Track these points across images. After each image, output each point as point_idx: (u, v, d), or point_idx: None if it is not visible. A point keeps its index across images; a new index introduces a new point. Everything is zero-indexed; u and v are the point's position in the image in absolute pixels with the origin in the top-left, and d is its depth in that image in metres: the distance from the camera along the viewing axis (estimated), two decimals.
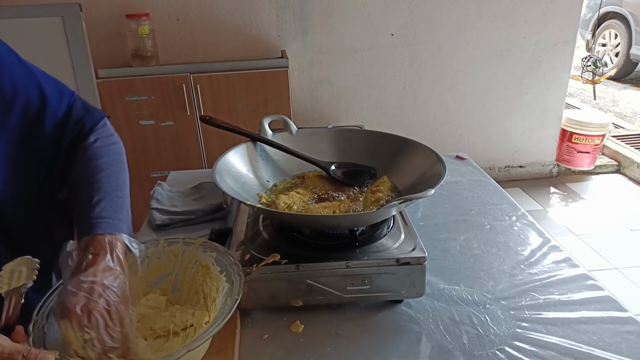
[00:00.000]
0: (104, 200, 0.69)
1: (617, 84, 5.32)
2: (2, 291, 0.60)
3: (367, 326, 0.77)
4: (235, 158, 0.95)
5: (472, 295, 0.83)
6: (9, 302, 0.58)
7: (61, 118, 0.77)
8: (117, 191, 0.72)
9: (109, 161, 0.76)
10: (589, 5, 5.41)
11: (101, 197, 0.69)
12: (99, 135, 0.79)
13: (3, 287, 0.60)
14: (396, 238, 0.82)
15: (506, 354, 0.70)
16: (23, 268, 0.62)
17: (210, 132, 2.41)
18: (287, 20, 2.63)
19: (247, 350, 0.72)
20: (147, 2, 2.49)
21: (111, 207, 0.68)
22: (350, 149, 1.04)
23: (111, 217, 0.67)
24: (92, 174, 0.72)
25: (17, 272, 0.61)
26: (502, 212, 1.12)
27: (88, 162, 0.74)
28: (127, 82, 2.29)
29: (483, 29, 2.78)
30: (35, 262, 0.62)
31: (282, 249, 0.79)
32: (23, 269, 0.62)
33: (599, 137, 3.07)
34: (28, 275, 0.61)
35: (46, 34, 2.11)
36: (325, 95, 2.84)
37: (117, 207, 0.69)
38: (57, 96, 0.77)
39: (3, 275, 0.61)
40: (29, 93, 0.73)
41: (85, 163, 0.75)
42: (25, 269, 0.62)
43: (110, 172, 0.74)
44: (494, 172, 3.16)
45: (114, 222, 0.67)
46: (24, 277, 0.61)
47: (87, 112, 0.80)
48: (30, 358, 0.51)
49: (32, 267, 0.62)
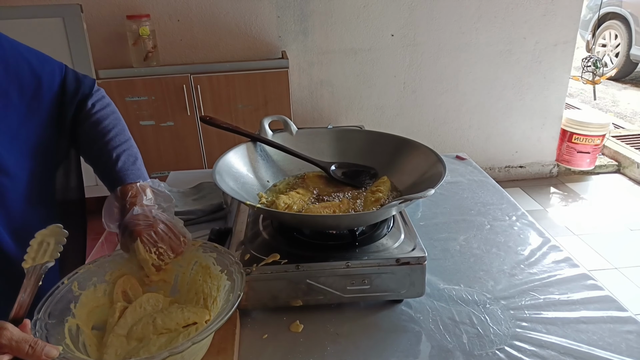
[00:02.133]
0: (122, 155, 0.80)
1: (617, 84, 5.32)
2: (27, 266, 0.61)
3: (367, 326, 0.77)
4: (236, 158, 0.95)
5: (472, 295, 0.84)
6: (24, 289, 0.59)
7: (57, 90, 0.81)
8: (127, 145, 0.83)
9: (112, 121, 0.85)
10: (589, 5, 5.42)
11: (119, 154, 0.80)
12: (95, 100, 0.86)
13: (28, 261, 0.61)
14: (396, 238, 0.82)
15: (506, 354, 0.70)
16: (51, 240, 0.64)
17: (210, 132, 2.42)
18: (288, 21, 2.63)
19: (247, 350, 0.72)
20: (147, 3, 2.49)
21: (129, 160, 0.80)
22: (350, 149, 1.04)
23: (132, 168, 0.79)
24: (102, 136, 0.82)
25: (45, 243, 0.63)
26: (502, 212, 1.12)
27: (95, 127, 0.83)
28: (128, 83, 2.30)
29: (483, 29, 2.79)
30: (64, 234, 0.65)
31: (282, 248, 0.79)
32: (51, 241, 0.64)
33: (599, 137, 3.07)
34: (53, 251, 0.63)
35: (47, 35, 2.12)
36: (325, 96, 2.84)
37: (133, 158, 0.81)
38: (49, 72, 0.80)
39: (32, 245, 0.62)
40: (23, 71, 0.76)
41: (93, 128, 0.83)
42: (52, 242, 0.64)
43: (117, 130, 0.84)
44: (494, 172, 3.16)
45: (136, 171, 0.79)
46: (49, 253, 0.63)
47: (80, 82, 0.85)
48: (37, 349, 0.53)
49: (59, 241, 0.64)
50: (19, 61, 0.75)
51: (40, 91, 0.78)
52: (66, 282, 0.68)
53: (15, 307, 0.57)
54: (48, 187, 0.84)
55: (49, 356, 0.53)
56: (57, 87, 0.81)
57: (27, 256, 0.61)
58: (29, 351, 0.52)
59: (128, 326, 0.68)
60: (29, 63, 0.77)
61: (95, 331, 0.68)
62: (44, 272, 0.61)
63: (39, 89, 0.78)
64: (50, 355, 0.53)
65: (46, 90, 0.79)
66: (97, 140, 0.82)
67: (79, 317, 0.66)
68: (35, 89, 0.77)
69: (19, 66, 0.75)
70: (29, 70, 0.76)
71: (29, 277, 0.60)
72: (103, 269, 0.73)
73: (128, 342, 0.66)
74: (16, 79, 0.74)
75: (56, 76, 0.81)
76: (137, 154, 0.83)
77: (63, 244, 0.64)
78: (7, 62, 0.73)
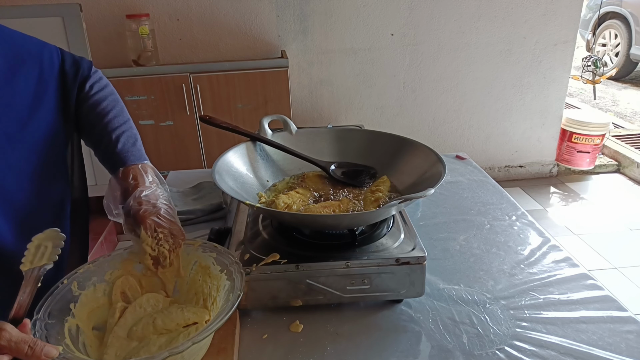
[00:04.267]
0: (122, 136, 0.80)
1: (617, 84, 5.32)
2: (25, 268, 0.60)
3: (367, 326, 0.77)
4: (235, 158, 0.95)
5: (472, 295, 0.83)
6: (23, 289, 0.59)
7: (58, 74, 0.81)
8: (127, 126, 0.83)
9: (111, 102, 0.85)
10: (589, 5, 5.41)
11: (119, 135, 0.80)
12: (93, 81, 0.85)
13: (26, 264, 0.61)
14: (396, 238, 0.82)
15: (506, 354, 0.70)
16: (49, 243, 0.63)
17: (210, 131, 2.41)
18: (287, 21, 2.63)
19: (247, 350, 0.72)
20: (147, 2, 2.49)
21: (129, 141, 0.80)
22: (350, 149, 1.04)
23: (132, 149, 0.79)
24: (102, 118, 0.82)
25: (43, 247, 0.63)
26: (502, 212, 1.12)
27: (94, 108, 0.83)
28: (127, 82, 2.29)
29: (483, 29, 2.78)
30: (61, 237, 0.65)
31: (282, 248, 0.79)
32: (49, 244, 0.63)
33: (599, 137, 3.07)
34: (51, 254, 0.63)
35: (46, 34, 2.10)
36: (325, 95, 2.84)
37: (133, 139, 0.81)
38: (49, 56, 0.80)
39: (30, 249, 0.62)
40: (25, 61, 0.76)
41: (92, 110, 0.83)
42: (50, 245, 0.63)
43: (116, 111, 0.83)
44: (493, 172, 3.16)
45: (137, 152, 0.79)
46: (46, 256, 0.62)
47: (78, 64, 0.84)
48: (36, 349, 0.52)
49: (56, 244, 0.64)
50: (19, 49, 0.75)
51: (43, 76, 0.78)
52: (66, 282, 0.68)
53: (15, 307, 0.57)
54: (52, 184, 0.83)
55: (49, 356, 0.53)
56: (57, 70, 0.81)
57: (25, 259, 0.61)
58: (28, 351, 0.52)
59: (128, 326, 0.68)
60: (28, 50, 0.77)
61: (96, 331, 0.68)
62: (42, 274, 0.61)
63: (41, 74, 0.78)
64: (49, 356, 0.53)
65: (48, 75, 0.79)
66: (96, 123, 0.82)
67: (79, 317, 0.66)
68: (39, 75, 0.77)
69: (20, 54, 0.75)
70: (30, 56, 0.76)
71: (28, 279, 0.60)
72: (103, 269, 0.73)
73: (128, 342, 0.66)
74: (19, 67, 0.74)
75: (55, 59, 0.81)
76: (136, 135, 0.83)
77: (61, 247, 0.64)
78: (8, 52, 0.73)
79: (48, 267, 0.62)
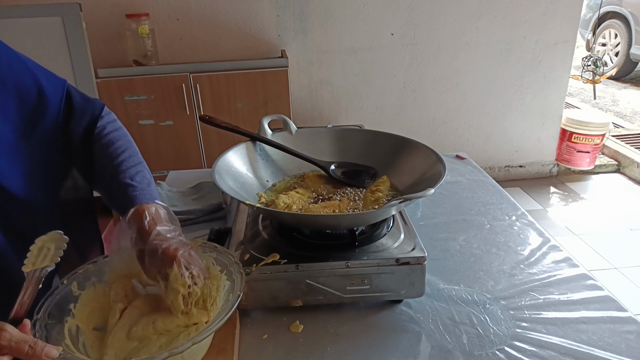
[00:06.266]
0: (136, 176, 0.78)
1: (617, 84, 5.32)
2: (27, 270, 0.60)
3: (367, 326, 0.77)
4: (235, 158, 0.95)
5: (472, 295, 0.83)
6: (25, 290, 0.59)
7: (61, 105, 0.80)
8: (141, 167, 0.81)
9: (125, 143, 0.83)
10: (589, 5, 5.41)
11: (132, 175, 0.78)
12: (106, 122, 0.85)
13: (28, 265, 0.61)
14: (396, 238, 0.82)
15: (506, 354, 0.70)
16: (51, 245, 0.63)
17: (209, 131, 2.41)
18: (287, 20, 2.63)
19: (247, 350, 0.72)
20: (147, 2, 2.49)
21: (143, 182, 0.78)
22: (350, 149, 1.04)
23: (147, 190, 0.77)
24: (115, 157, 0.80)
25: (45, 249, 0.63)
26: (501, 212, 1.12)
27: (107, 148, 0.81)
28: (127, 82, 2.29)
29: (483, 29, 2.78)
30: (64, 239, 0.64)
31: (282, 248, 0.79)
32: (51, 246, 0.63)
33: (599, 137, 3.07)
34: (53, 256, 0.63)
35: (46, 34, 2.11)
36: (325, 95, 2.84)
37: (147, 180, 0.80)
38: (52, 86, 0.79)
39: (32, 251, 0.62)
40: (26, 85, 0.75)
41: (105, 150, 0.81)
42: (53, 248, 0.63)
43: (129, 152, 0.82)
44: (493, 171, 3.16)
45: (152, 192, 0.77)
46: (49, 258, 0.62)
47: (88, 102, 0.84)
48: (37, 349, 0.53)
49: (59, 246, 0.64)
50: (20, 75, 0.74)
51: (43, 105, 0.76)
52: (65, 283, 0.68)
53: (15, 308, 0.57)
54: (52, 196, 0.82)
55: (49, 356, 0.53)
56: (60, 101, 0.79)
57: (27, 260, 0.61)
58: (29, 352, 0.52)
59: (128, 327, 0.67)
60: (33, 75, 0.75)
61: (96, 332, 0.68)
62: (44, 276, 0.61)
63: (41, 103, 0.76)
64: (50, 356, 0.53)
65: (50, 105, 0.77)
66: (109, 162, 0.79)
67: (79, 318, 0.66)
68: (37, 103, 0.75)
69: (20, 80, 0.73)
70: (32, 83, 0.75)
71: (29, 280, 0.60)
72: (102, 269, 0.73)
73: (128, 342, 0.66)
74: (15, 93, 0.73)
75: (58, 89, 0.79)
76: (150, 178, 0.80)
77: (63, 249, 0.64)
78: (6, 78, 0.72)
79: (50, 269, 0.62)
